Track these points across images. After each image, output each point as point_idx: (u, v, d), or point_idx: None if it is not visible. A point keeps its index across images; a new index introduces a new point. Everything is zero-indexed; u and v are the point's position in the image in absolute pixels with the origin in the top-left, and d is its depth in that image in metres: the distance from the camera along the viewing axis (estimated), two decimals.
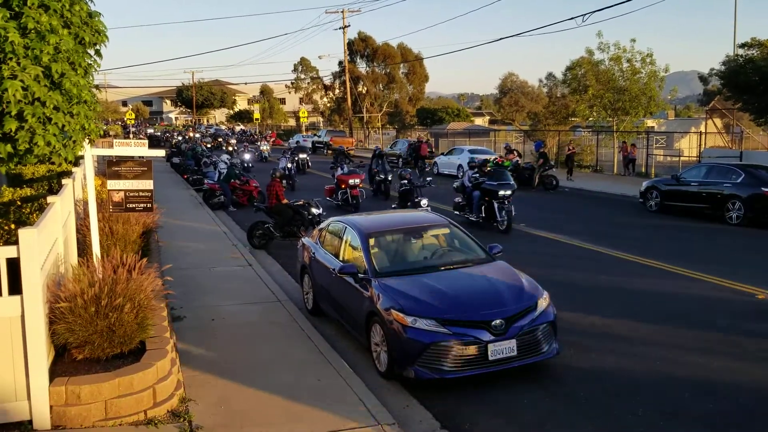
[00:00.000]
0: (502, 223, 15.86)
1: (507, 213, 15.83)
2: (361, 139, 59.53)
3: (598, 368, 7.43)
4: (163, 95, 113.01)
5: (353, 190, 19.52)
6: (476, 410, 6.45)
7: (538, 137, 39.53)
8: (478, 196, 16.56)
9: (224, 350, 7.72)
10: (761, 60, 26.85)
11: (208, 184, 21.50)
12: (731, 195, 17.02)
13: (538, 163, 26.24)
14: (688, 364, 7.46)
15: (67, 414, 5.54)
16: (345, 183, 19.74)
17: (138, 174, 7.83)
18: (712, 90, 43.84)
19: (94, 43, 6.70)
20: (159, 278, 7.29)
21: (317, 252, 9.40)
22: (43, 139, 5.77)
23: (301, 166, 31.45)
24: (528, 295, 7.39)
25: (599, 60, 33.40)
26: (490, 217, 16.25)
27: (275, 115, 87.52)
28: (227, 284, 10.85)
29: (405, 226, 9.07)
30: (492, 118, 73.53)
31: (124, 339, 6.26)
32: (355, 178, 19.93)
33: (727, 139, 38.01)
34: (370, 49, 60.73)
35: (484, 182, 16.59)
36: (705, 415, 6.26)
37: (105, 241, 9.65)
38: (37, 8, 5.70)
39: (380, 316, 7.21)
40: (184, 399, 6.25)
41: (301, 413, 6.09)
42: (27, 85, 5.49)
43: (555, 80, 42.14)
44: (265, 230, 14.61)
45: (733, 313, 9.35)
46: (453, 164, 30.99)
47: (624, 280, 11.24)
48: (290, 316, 9.14)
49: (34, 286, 5.35)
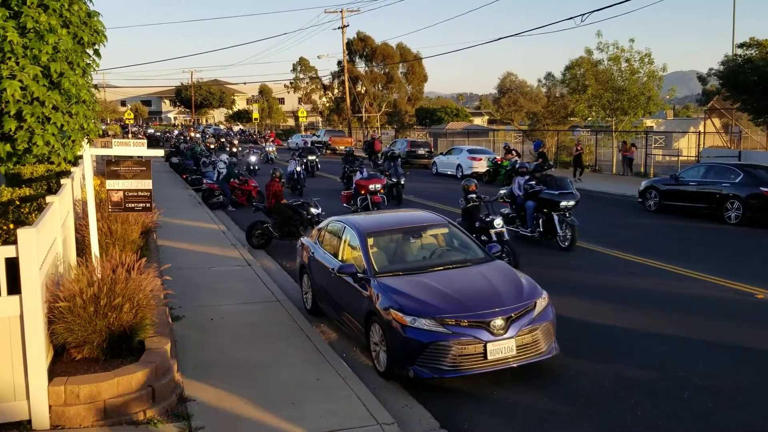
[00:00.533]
0: (564, 239, 13.67)
1: (570, 227, 13.58)
2: (360, 139, 59.53)
3: (597, 368, 7.43)
4: (162, 95, 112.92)
5: (374, 197, 17.76)
6: (475, 410, 6.45)
7: (537, 137, 39.57)
8: (533, 206, 14.23)
9: (223, 350, 7.71)
10: (760, 60, 26.87)
11: (207, 184, 21.49)
12: (730, 195, 17.04)
13: (537, 162, 26.22)
14: (686, 364, 7.46)
15: (66, 414, 5.54)
16: (365, 188, 18.01)
17: (137, 174, 7.84)
18: (710, 90, 43.88)
19: (93, 43, 6.70)
20: (158, 278, 7.29)
21: (316, 252, 9.40)
22: (42, 138, 5.78)
23: (310, 168, 29.68)
24: (527, 295, 7.39)
25: (598, 60, 33.45)
26: (549, 231, 13.94)
27: (274, 114, 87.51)
28: (226, 284, 10.85)
29: (404, 225, 9.07)
30: (491, 118, 73.56)
31: (123, 339, 6.25)
32: (376, 183, 18.19)
33: (726, 138, 38.08)
34: (369, 49, 60.72)
35: (542, 190, 14.19)
36: (704, 415, 6.27)
37: (104, 241, 9.65)
38: (36, 8, 5.70)
39: (379, 315, 7.21)
40: (183, 398, 6.25)
41: (300, 412, 6.09)
42: (26, 84, 5.50)
43: (554, 80, 42.17)
44: (264, 230, 14.61)
45: (732, 312, 9.36)
46: (452, 164, 31.00)
47: (623, 280, 11.25)
48: (289, 315, 9.13)
49: (33, 285, 5.34)
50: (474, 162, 29.52)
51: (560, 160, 35.38)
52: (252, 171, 28.64)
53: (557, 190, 14.08)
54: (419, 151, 36.76)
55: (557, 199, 13.84)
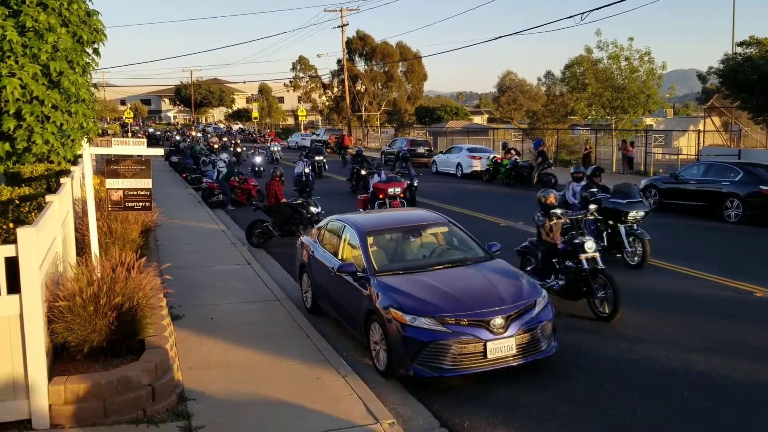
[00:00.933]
0: (633, 255, 11.92)
1: (640, 241, 11.79)
2: (360, 138, 59.51)
3: (596, 366, 7.44)
4: (162, 94, 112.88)
5: (393, 201, 16.77)
6: (475, 409, 6.45)
7: (536, 135, 39.56)
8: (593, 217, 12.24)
9: (223, 349, 7.72)
10: (760, 58, 26.87)
11: (206, 183, 21.51)
12: (730, 193, 17.04)
13: (537, 161, 26.24)
14: (687, 363, 7.46)
15: (66, 413, 5.53)
16: (383, 192, 17.00)
17: (136, 173, 7.84)
18: (710, 88, 43.86)
19: (93, 42, 6.69)
20: (158, 277, 7.29)
21: (316, 251, 9.40)
22: (42, 137, 5.77)
23: (318, 169, 28.49)
24: (527, 294, 7.39)
25: (598, 58, 33.43)
26: (614, 246, 12.18)
27: (274, 113, 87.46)
28: (226, 283, 10.85)
29: (404, 224, 9.07)
30: (491, 117, 73.45)
31: (123, 338, 6.25)
32: (396, 186, 17.21)
33: (726, 137, 38.10)
34: (369, 48, 60.63)
35: (607, 199, 12.45)
36: (704, 414, 6.27)
37: (104, 240, 9.65)
38: (36, 6, 5.69)
39: (379, 314, 7.21)
40: (184, 397, 6.25)
41: (300, 411, 6.10)
42: (25, 83, 5.49)
43: (554, 79, 42.12)
44: (264, 229, 14.61)
45: (732, 311, 9.36)
46: (452, 163, 31.01)
47: (622, 278, 11.22)
48: (289, 314, 9.14)
49: (32, 285, 5.34)
50: (474, 161, 29.54)
51: (560, 158, 35.35)
52: (257, 172, 27.68)
53: (623, 198, 12.26)
54: (419, 149, 36.77)
55: (625, 208, 11.99)
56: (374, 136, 61.25)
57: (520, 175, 26.06)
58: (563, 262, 9.58)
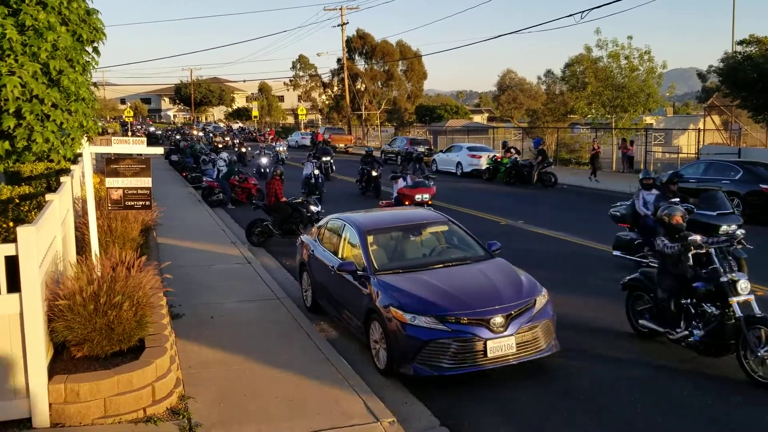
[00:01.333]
0: None
1: (736, 260, 8.96)
2: (360, 137, 59.49)
3: (596, 365, 7.44)
4: (162, 93, 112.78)
5: None
6: (475, 407, 6.45)
7: (536, 134, 39.54)
8: None
9: (223, 348, 7.71)
10: (760, 57, 26.82)
11: (206, 182, 21.52)
12: (730, 192, 17.00)
13: (537, 160, 26.23)
14: (687, 361, 7.45)
15: (66, 412, 5.54)
16: (409, 199, 15.77)
17: (136, 172, 7.83)
18: (710, 87, 43.82)
19: (92, 41, 6.69)
20: (158, 276, 7.29)
21: (316, 249, 9.40)
22: (42, 136, 5.77)
23: (325, 171, 26.55)
24: (527, 292, 7.39)
25: (598, 57, 33.43)
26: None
27: (274, 112, 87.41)
28: (226, 282, 10.85)
29: (403, 223, 9.07)
30: (490, 116, 73.36)
31: (123, 337, 6.25)
32: (424, 192, 15.96)
33: (726, 136, 38.08)
34: (369, 47, 60.60)
35: (692, 210, 10.42)
36: (704, 413, 6.27)
37: (104, 239, 9.64)
38: (35, 5, 5.69)
39: (379, 313, 7.21)
40: (184, 396, 6.25)
41: (300, 410, 6.10)
42: (25, 82, 5.49)
43: (554, 77, 42.07)
44: (264, 228, 14.61)
45: None
46: (452, 161, 31.02)
47: (622, 277, 11.21)
48: (289, 313, 9.14)
49: (32, 283, 5.34)
50: (474, 159, 29.54)
51: (560, 157, 35.35)
52: (263, 174, 26.61)
53: (713, 210, 10.39)
54: (419, 148, 36.75)
55: (716, 221, 10.07)
56: (374, 134, 61.23)
57: (520, 174, 26.06)
58: (700, 305, 7.31)
